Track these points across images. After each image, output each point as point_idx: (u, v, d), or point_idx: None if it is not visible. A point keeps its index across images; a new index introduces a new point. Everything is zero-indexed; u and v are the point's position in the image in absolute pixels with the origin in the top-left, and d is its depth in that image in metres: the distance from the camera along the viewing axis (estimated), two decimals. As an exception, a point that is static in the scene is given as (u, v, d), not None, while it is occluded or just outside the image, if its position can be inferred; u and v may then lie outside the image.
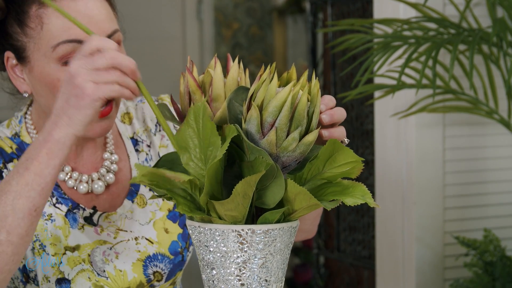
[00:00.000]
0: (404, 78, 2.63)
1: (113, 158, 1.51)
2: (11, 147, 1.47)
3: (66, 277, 1.44)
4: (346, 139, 1.21)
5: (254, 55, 5.06)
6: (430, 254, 2.79)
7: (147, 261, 1.49)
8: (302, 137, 1.07)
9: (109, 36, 1.38)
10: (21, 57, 1.40)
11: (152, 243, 1.50)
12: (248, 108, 1.07)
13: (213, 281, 1.09)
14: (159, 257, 1.49)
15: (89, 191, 1.49)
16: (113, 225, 1.49)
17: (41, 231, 1.44)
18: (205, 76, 1.15)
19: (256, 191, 1.07)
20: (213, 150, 1.07)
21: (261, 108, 1.06)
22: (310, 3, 3.65)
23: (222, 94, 1.12)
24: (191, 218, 1.11)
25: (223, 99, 1.12)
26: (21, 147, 1.48)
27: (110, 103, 1.39)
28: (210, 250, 1.09)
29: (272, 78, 1.07)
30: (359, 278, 3.49)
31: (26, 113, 1.52)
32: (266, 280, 1.09)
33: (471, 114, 2.76)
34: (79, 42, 1.34)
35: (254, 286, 1.08)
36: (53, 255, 1.44)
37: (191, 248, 1.56)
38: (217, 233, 1.07)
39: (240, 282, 1.08)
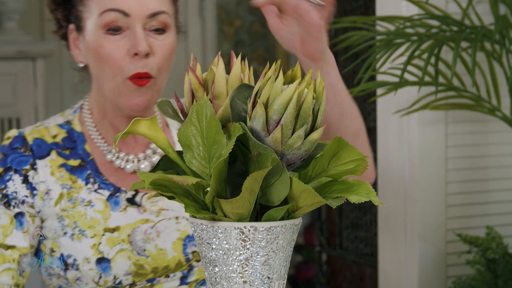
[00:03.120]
0: (406, 76, 2.63)
1: None
2: (54, 136, 1.54)
3: (106, 256, 1.48)
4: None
5: (256, 53, 5.06)
6: (432, 251, 2.79)
7: (187, 240, 1.53)
8: (307, 135, 1.07)
9: (152, 16, 1.45)
10: (79, 27, 1.50)
11: None
12: (253, 106, 1.07)
13: (215, 278, 1.10)
14: None
15: (135, 170, 1.55)
16: (155, 204, 1.54)
17: (79, 217, 1.49)
18: (208, 73, 1.15)
19: (261, 189, 1.07)
20: (218, 149, 1.07)
21: (266, 106, 1.06)
22: (312, 1, 3.65)
23: (224, 92, 1.12)
24: (194, 216, 1.11)
25: (225, 97, 1.12)
26: (70, 135, 1.55)
27: (149, 78, 1.45)
28: (212, 248, 1.09)
29: (278, 76, 1.07)
30: (361, 276, 3.49)
31: (82, 105, 1.59)
32: (268, 278, 1.09)
33: (474, 112, 2.75)
34: (122, 12, 1.43)
35: (256, 283, 1.08)
36: (91, 237, 1.48)
37: None
38: (219, 230, 1.08)
39: (243, 279, 1.08)
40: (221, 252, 1.08)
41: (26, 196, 1.49)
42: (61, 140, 1.53)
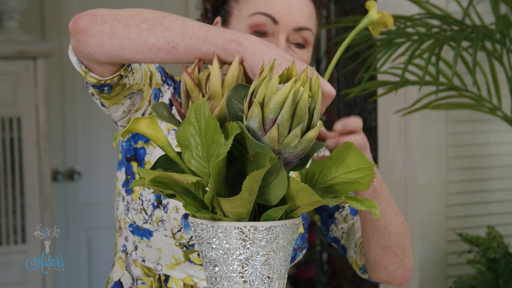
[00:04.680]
0: (407, 75, 2.63)
1: None
2: None
3: None
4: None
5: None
6: (433, 251, 2.79)
7: None
8: (304, 133, 1.07)
9: (298, 30, 1.48)
10: (226, 21, 1.54)
11: None
12: (249, 105, 1.07)
13: (215, 278, 1.09)
14: None
15: None
16: None
17: None
18: (203, 73, 1.15)
19: (259, 188, 1.07)
20: (216, 148, 1.07)
21: (262, 105, 1.06)
22: (313, 0, 3.65)
23: (219, 92, 1.12)
24: (194, 216, 1.11)
25: (221, 97, 1.12)
26: None
27: None
28: (212, 247, 1.09)
29: (273, 75, 1.07)
30: (362, 275, 3.49)
31: None
32: (268, 277, 1.09)
33: (474, 111, 2.75)
34: (273, 19, 1.47)
35: (256, 283, 1.08)
36: None
37: (304, 251, 1.61)
38: (219, 230, 1.07)
39: (243, 279, 1.08)
40: (221, 251, 1.08)
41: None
42: None
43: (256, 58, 1.15)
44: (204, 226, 1.09)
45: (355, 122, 1.34)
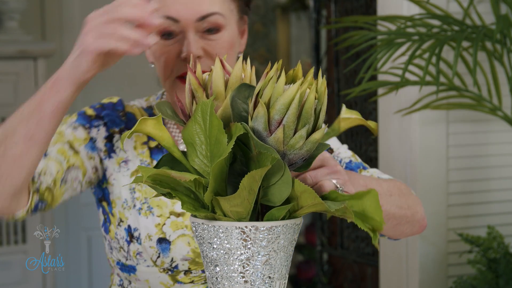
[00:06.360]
0: (407, 75, 2.63)
1: None
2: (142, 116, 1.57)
3: (167, 238, 1.50)
4: (339, 185, 1.21)
5: (257, 52, 5.06)
6: (433, 251, 2.79)
7: None
8: (309, 135, 1.07)
9: (202, 19, 1.44)
10: None
11: None
12: (255, 106, 1.07)
13: (216, 278, 1.10)
14: None
15: None
16: None
17: (150, 194, 1.52)
18: (210, 75, 1.15)
19: (262, 189, 1.07)
20: (220, 148, 1.07)
21: (268, 106, 1.06)
22: (313, 0, 3.65)
23: (222, 92, 1.12)
24: (195, 216, 1.12)
25: (224, 97, 1.12)
26: None
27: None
28: (213, 247, 1.09)
29: (280, 76, 1.07)
30: (362, 275, 3.49)
31: (164, 92, 1.62)
32: (269, 277, 1.09)
33: (475, 111, 2.76)
34: (172, 19, 1.44)
35: (257, 283, 1.08)
36: (158, 216, 1.50)
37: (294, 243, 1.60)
38: (220, 230, 1.08)
39: (244, 279, 1.08)
40: (222, 251, 1.08)
41: (101, 151, 1.53)
42: None
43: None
44: (205, 226, 1.09)
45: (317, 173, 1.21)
